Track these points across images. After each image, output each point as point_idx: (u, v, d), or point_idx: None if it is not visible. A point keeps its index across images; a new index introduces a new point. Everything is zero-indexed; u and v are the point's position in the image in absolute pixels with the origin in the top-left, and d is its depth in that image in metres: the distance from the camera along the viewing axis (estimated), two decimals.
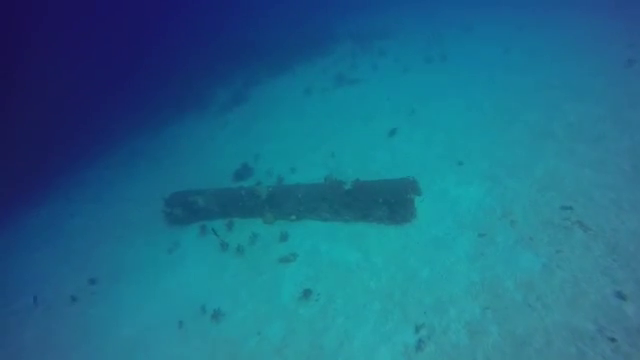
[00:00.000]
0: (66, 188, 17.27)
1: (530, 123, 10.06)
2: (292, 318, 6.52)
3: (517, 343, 5.12)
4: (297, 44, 23.49)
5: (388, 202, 7.91)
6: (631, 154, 7.87)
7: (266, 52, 23.62)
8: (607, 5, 17.40)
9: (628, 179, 7.24)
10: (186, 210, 10.23)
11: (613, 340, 4.77)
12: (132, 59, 29.32)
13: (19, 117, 21.50)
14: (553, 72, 12.59)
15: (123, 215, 12.59)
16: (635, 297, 5.20)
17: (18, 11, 29.42)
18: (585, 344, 4.85)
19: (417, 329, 5.73)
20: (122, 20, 36.30)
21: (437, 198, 8.36)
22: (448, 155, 9.81)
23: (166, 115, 20.82)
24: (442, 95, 13.15)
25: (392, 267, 6.91)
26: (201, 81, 22.59)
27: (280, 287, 7.24)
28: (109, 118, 23.61)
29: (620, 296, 5.24)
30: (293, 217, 8.93)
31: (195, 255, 8.94)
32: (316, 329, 6.26)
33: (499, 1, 22.57)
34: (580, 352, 4.78)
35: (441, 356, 5.30)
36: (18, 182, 18.13)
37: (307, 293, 6.71)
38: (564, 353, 4.83)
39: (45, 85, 24.34)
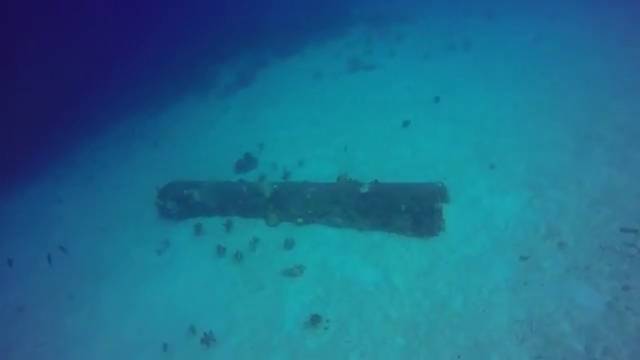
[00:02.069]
0: (57, 168, 16.22)
1: (572, 123, 8.86)
2: (296, 350, 5.46)
3: None
4: (308, 24, 22.06)
5: (412, 210, 6.79)
6: None
7: (274, 31, 22.21)
8: None
9: None
10: (180, 204, 9.15)
11: None
12: (133, 36, 27.88)
13: (11, 89, 20.27)
14: (592, 66, 11.30)
15: (112, 203, 11.56)
16: None
17: None
18: None
19: None
20: None
21: (467, 208, 7.23)
22: (477, 156, 8.65)
23: (165, 95, 19.62)
24: (468, 87, 11.89)
25: (417, 292, 5.83)
26: (204, 60, 21.29)
27: (283, 307, 6.18)
28: (105, 96, 22.41)
29: None
30: (300, 220, 7.83)
31: (187, 259, 7.88)
32: None
33: None
34: None
35: None
36: (6, 158, 17.03)
37: (315, 319, 5.64)
38: None
39: (40, 61, 23.04)
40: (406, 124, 10.42)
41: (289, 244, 7.33)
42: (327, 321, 5.73)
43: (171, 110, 18.08)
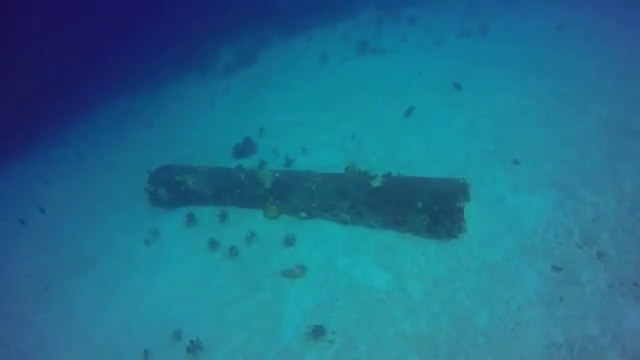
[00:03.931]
0: (46, 147, 15.39)
1: (603, 117, 8.08)
2: None
3: None
4: (314, 4, 20.92)
5: (430, 209, 6.04)
6: None
7: (279, 10, 21.11)
8: None
9: None
10: (172, 191, 8.39)
11: None
12: (131, 12, 26.62)
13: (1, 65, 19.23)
14: (621, 56, 10.46)
15: (102, 186, 10.80)
16: None
17: None
18: None
19: None
20: None
21: (490, 207, 6.49)
22: (498, 150, 7.89)
23: (163, 74, 18.68)
24: (485, 75, 11.02)
25: (435, 303, 5.11)
26: (205, 38, 20.26)
27: (282, 313, 5.46)
28: (101, 74, 21.42)
29: None
30: (303, 214, 7.08)
31: (176, 252, 7.15)
32: None
33: None
34: None
35: None
36: None
37: (318, 330, 4.93)
38: None
39: (35, 37, 21.91)
40: (411, 112, 9.61)
41: (290, 240, 6.59)
42: (332, 333, 5.01)
43: (168, 90, 17.18)
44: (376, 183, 6.47)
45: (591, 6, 14.52)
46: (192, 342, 5.12)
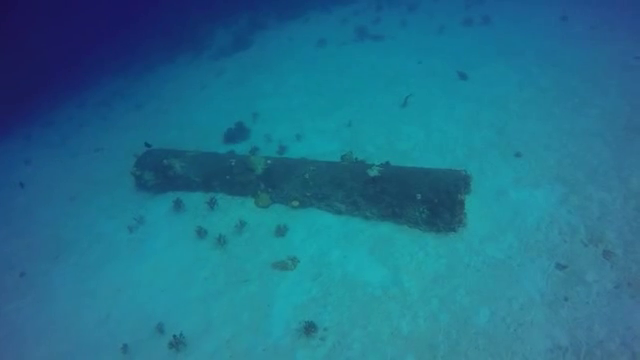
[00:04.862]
0: (29, 126, 14.82)
1: (608, 111, 7.83)
2: None
3: None
4: None
5: (429, 201, 5.75)
6: None
7: None
8: None
9: None
10: (159, 175, 8.01)
11: None
12: None
13: None
14: (627, 49, 10.16)
15: (86, 168, 10.37)
16: None
17: None
18: None
19: None
20: None
21: (491, 201, 6.22)
22: (500, 141, 7.61)
23: (155, 55, 18.07)
24: (487, 64, 10.69)
25: (433, 300, 4.84)
26: (199, 19, 19.60)
27: (271, 308, 5.17)
28: (91, 53, 20.69)
29: None
30: (295, 203, 6.76)
31: (161, 239, 6.80)
32: None
33: None
34: None
35: None
36: None
37: (310, 327, 4.64)
38: None
39: (24, 15, 21.00)
40: (410, 100, 9.25)
41: (281, 230, 6.27)
42: (324, 330, 4.73)
43: (160, 71, 16.65)
44: (373, 172, 6.15)
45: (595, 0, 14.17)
46: (175, 337, 4.81)
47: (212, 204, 7.16)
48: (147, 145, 7.91)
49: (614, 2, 13.40)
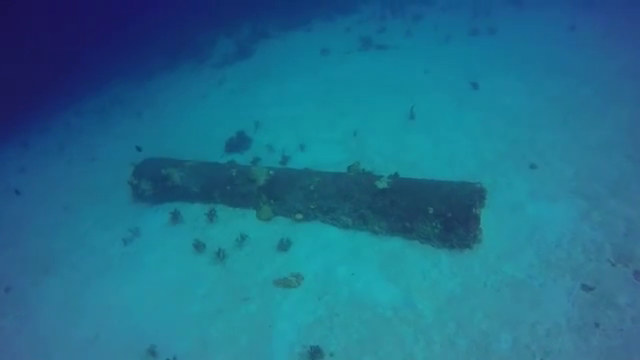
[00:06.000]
0: (26, 133, 14.53)
1: (625, 121, 7.53)
2: None
3: None
4: None
5: (442, 215, 5.39)
6: None
7: (279, 2, 20.37)
8: None
9: None
10: (157, 185, 7.66)
11: None
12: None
13: None
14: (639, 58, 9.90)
15: (82, 176, 10.06)
16: None
17: None
18: None
19: None
20: None
21: (507, 215, 5.87)
22: (513, 152, 7.27)
23: (157, 62, 17.87)
24: (496, 74, 10.42)
25: (450, 323, 4.46)
26: (201, 27, 19.48)
27: (273, 329, 4.78)
28: (92, 60, 20.53)
29: None
30: (299, 216, 6.40)
31: (157, 253, 6.43)
32: None
33: None
34: None
35: None
36: None
37: (315, 352, 4.25)
38: None
39: (23, 20, 20.94)
40: (417, 110, 8.92)
41: (284, 245, 5.90)
42: (330, 355, 4.34)
43: (160, 78, 16.40)
44: (382, 184, 5.81)
45: (604, 7, 13.95)
46: None
47: (211, 216, 6.81)
48: (138, 149, 7.59)
49: (623, 11, 13.19)
